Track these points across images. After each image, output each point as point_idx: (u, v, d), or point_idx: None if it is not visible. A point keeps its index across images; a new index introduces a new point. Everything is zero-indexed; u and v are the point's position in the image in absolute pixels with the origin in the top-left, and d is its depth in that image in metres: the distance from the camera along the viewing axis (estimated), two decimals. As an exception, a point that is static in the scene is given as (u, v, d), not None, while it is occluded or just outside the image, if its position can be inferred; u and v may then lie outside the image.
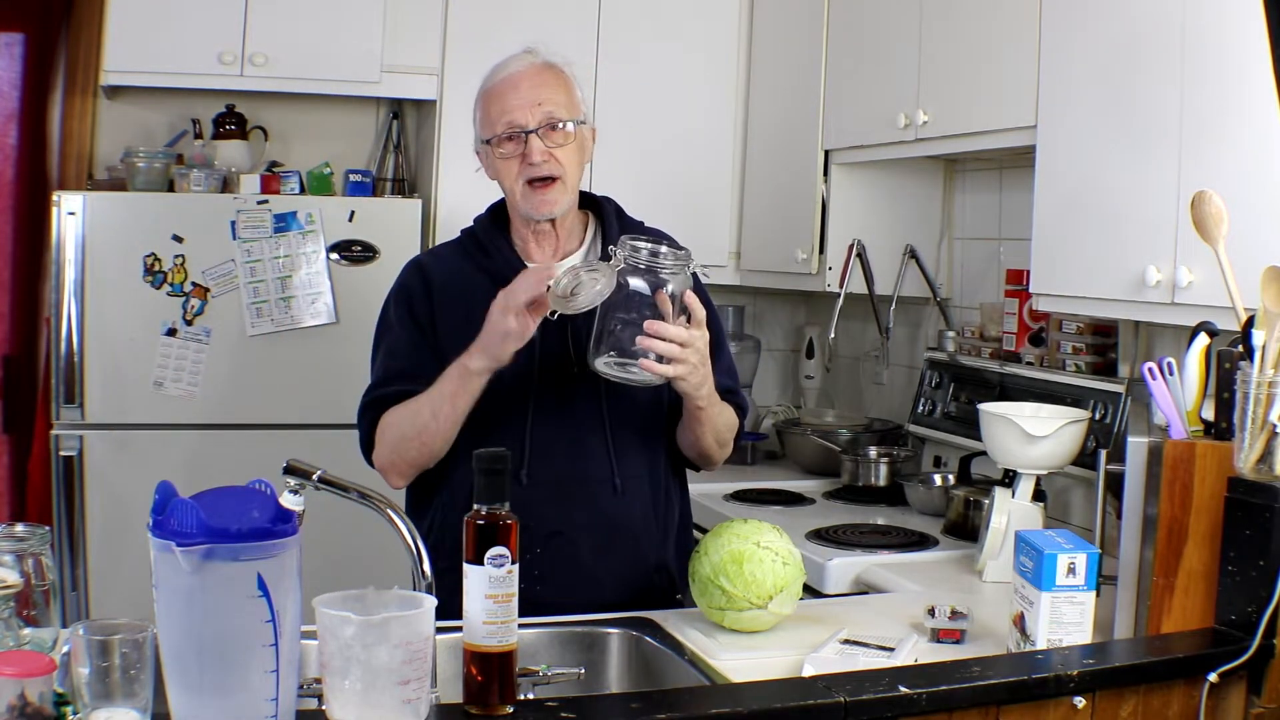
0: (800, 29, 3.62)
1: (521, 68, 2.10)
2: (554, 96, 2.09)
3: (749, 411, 2.34)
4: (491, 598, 1.43)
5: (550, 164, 2.07)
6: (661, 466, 2.19)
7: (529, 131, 2.06)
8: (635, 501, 2.13)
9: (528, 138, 2.05)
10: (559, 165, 2.07)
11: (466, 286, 2.12)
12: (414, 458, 2.07)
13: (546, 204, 2.09)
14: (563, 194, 2.10)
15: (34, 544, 1.59)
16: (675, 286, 1.92)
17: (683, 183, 3.80)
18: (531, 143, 2.05)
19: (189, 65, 3.41)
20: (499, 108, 2.08)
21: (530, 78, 2.09)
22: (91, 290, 3.27)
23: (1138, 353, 2.77)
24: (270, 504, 1.33)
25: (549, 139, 2.07)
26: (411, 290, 2.17)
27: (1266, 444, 1.75)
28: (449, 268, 2.18)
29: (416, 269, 2.21)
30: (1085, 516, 2.84)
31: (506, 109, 2.07)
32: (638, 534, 2.14)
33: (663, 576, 2.17)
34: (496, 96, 2.09)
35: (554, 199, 2.09)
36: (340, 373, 3.37)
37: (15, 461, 3.63)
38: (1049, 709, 1.63)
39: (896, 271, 3.49)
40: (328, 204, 3.47)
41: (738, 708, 1.48)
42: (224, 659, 1.26)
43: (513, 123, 2.06)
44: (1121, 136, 2.38)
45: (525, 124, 2.06)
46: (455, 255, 2.20)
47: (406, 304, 2.16)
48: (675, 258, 1.92)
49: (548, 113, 2.07)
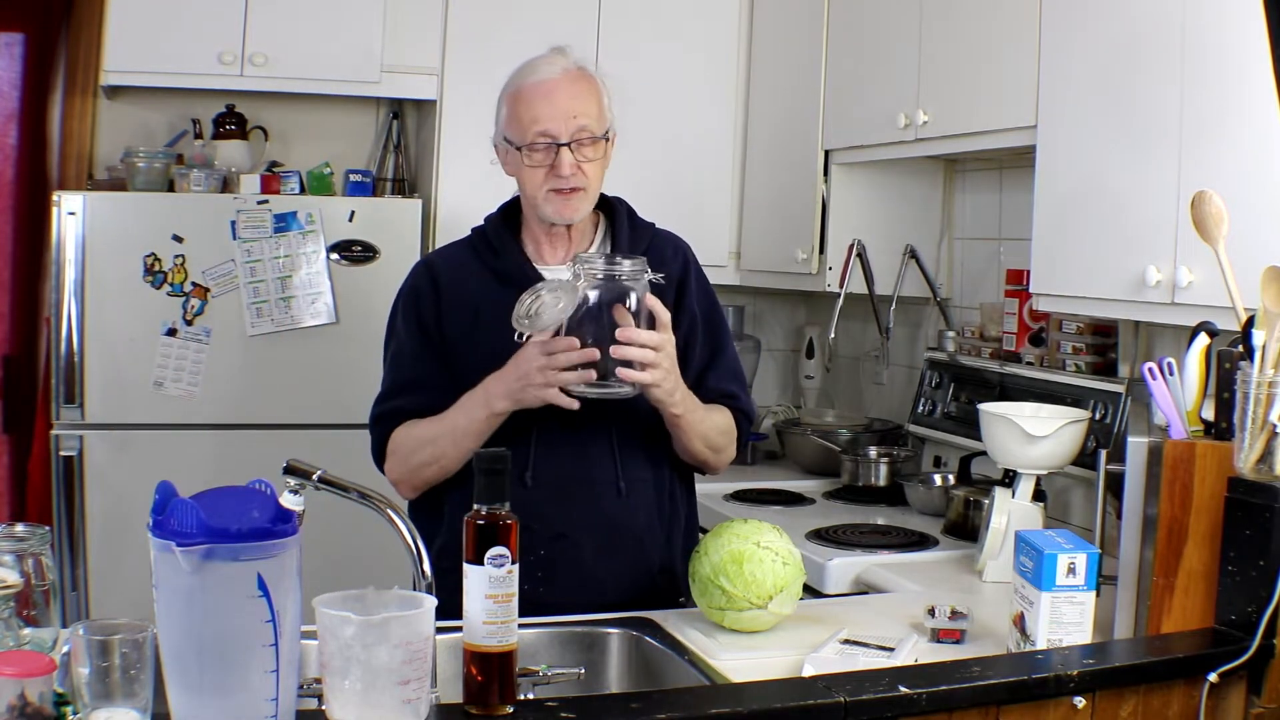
0: (800, 29, 3.62)
1: (555, 74, 2.08)
2: (588, 109, 2.07)
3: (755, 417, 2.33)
4: (491, 598, 1.43)
5: (578, 176, 2.06)
6: (666, 469, 2.19)
7: (561, 144, 2.04)
8: (639, 504, 2.13)
9: (559, 150, 2.04)
10: (585, 177, 2.07)
11: (474, 286, 2.13)
12: (429, 478, 2.10)
13: (569, 210, 2.09)
14: (585, 202, 2.11)
15: (34, 544, 1.59)
16: (637, 293, 1.93)
17: (683, 183, 3.80)
18: (563, 155, 2.04)
19: (189, 65, 3.41)
20: (530, 114, 2.06)
21: (565, 87, 2.07)
22: (91, 290, 3.27)
23: (1138, 353, 2.77)
24: (270, 504, 1.33)
25: (579, 153, 2.06)
26: (419, 293, 2.16)
27: (1266, 444, 1.75)
28: (457, 266, 2.18)
29: (425, 270, 2.20)
30: (1085, 516, 2.84)
31: (539, 117, 2.05)
32: (641, 536, 2.14)
33: (666, 579, 2.17)
34: (528, 101, 2.06)
35: (577, 206, 2.09)
36: (340, 373, 3.37)
37: (15, 461, 3.63)
38: (1049, 709, 1.63)
39: (896, 271, 3.49)
40: (328, 204, 3.47)
41: (738, 708, 1.48)
42: (224, 659, 1.26)
43: (545, 132, 2.05)
44: (1121, 136, 2.38)
45: (558, 136, 2.04)
46: (464, 254, 2.20)
47: (414, 309, 2.16)
48: (632, 264, 1.93)
49: (581, 126, 2.05)
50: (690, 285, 2.20)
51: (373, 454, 2.17)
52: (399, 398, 2.14)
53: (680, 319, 2.12)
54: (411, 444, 2.10)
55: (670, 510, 2.20)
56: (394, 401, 2.14)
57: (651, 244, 2.18)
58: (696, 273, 2.23)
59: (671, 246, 2.22)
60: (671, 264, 2.16)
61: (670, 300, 2.10)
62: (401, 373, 2.16)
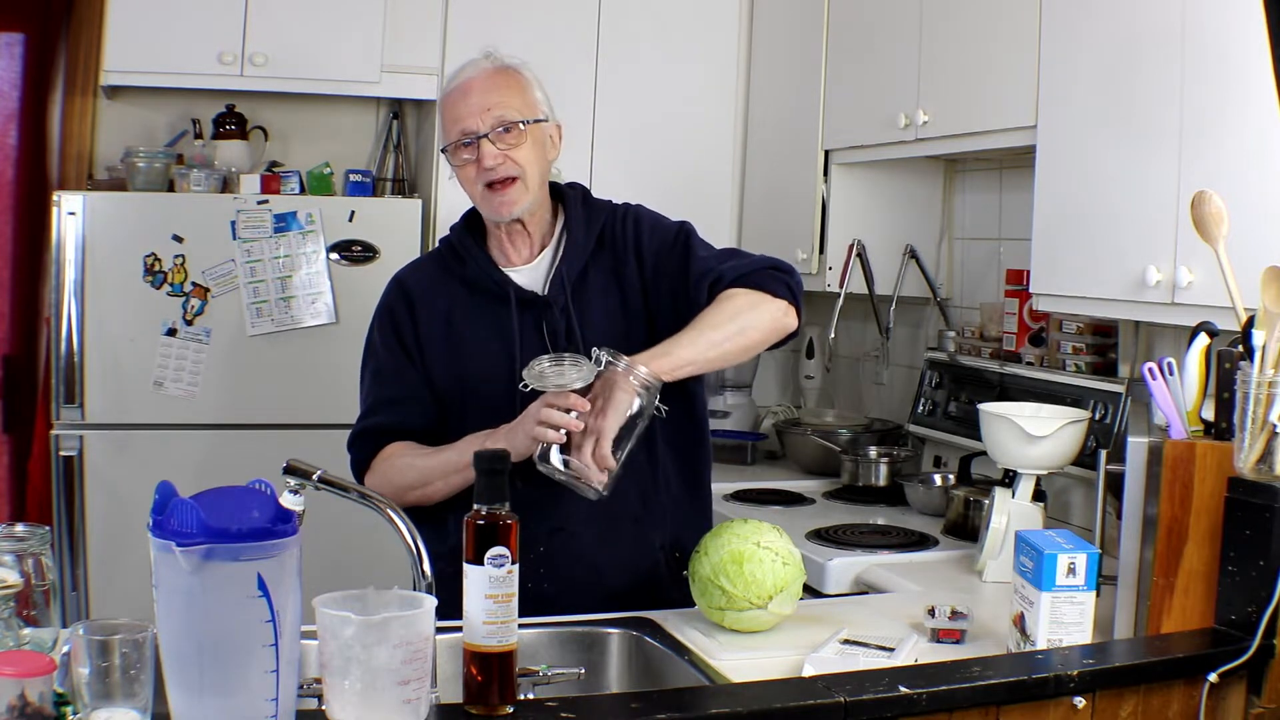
0: (800, 29, 3.62)
1: (474, 74, 2.11)
2: (505, 99, 2.09)
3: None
4: (491, 598, 1.43)
5: (506, 165, 2.07)
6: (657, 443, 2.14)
7: (480, 136, 2.06)
8: (631, 485, 2.11)
9: (479, 142, 2.06)
10: (516, 165, 2.08)
11: (446, 297, 2.16)
12: (411, 501, 2.08)
13: (505, 204, 2.09)
14: (523, 194, 2.10)
15: (34, 544, 1.59)
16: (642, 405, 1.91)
17: (682, 182, 3.80)
18: (483, 147, 2.06)
19: (189, 65, 3.42)
20: (451, 115, 2.10)
21: (481, 83, 2.10)
22: (91, 290, 3.27)
23: (1138, 353, 2.77)
24: (270, 504, 1.33)
25: (501, 141, 2.07)
26: (394, 310, 2.18)
27: (1266, 444, 1.75)
28: (428, 279, 2.20)
29: (397, 287, 2.22)
30: (1085, 516, 2.84)
31: (458, 116, 2.08)
32: (638, 516, 2.14)
33: (669, 555, 2.16)
34: (449, 104, 2.11)
35: (513, 199, 2.09)
36: (340, 373, 3.35)
37: (15, 461, 3.63)
38: (1049, 709, 1.63)
39: (896, 271, 3.49)
40: (328, 204, 3.48)
41: (738, 708, 1.48)
42: (224, 659, 1.26)
43: (465, 129, 2.08)
44: (1121, 136, 2.38)
45: (476, 129, 2.07)
46: (432, 266, 2.23)
47: (391, 325, 2.18)
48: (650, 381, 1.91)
49: (499, 116, 2.07)
50: (644, 242, 2.17)
51: (352, 470, 2.16)
52: (379, 414, 2.15)
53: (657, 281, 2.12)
54: (397, 471, 2.10)
55: (663, 484, 2.17)
56: (375, 419, 2.15)
57: (605, 223, 2.18)
58: (648, 226, 2.19)
59: (620, 219, 2.20)
60: (623, 236, 2.16)
61: (637, 272, 2.12)
62: (382, 390, 2.17)
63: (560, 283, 2.12)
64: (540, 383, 1.88)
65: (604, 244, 2.17)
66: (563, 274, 2.12)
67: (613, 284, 2.15)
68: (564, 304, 2.11)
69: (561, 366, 1.90)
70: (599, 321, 2.12)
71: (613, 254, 2.16)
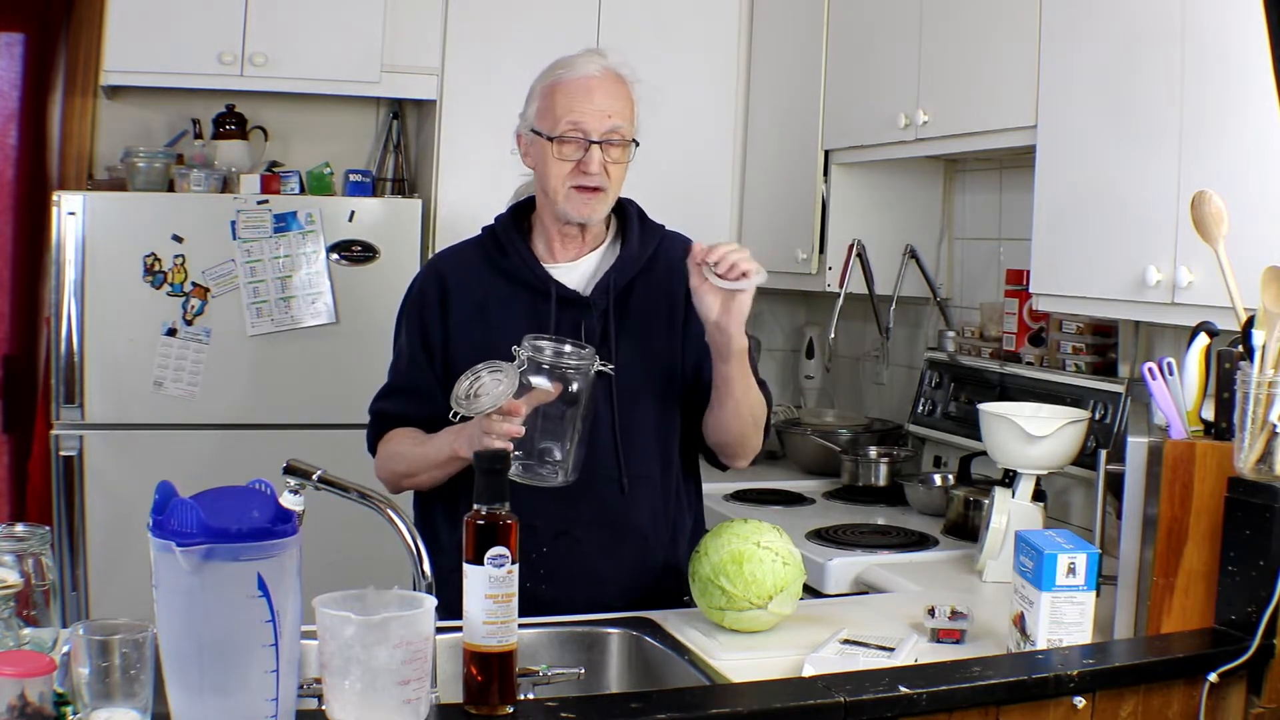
0: (800, 29, 3.62)
1: (595, 71, 2.09)
2: (623, 110, 2.09)
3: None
4: (491, 598, 1.43)
5: (602, 177, 2.07)
6: (674, 467, 2.19)
7: (593, 141, 2.05)
8: (643, 501, 2.13)
9: (590, 146, 2.05)
10: (608, 179, 2.08)
11: (482, 286, 2.15)
12: (405, 488, 2.16)
13: (589, 209, 2.09)
14: (604, 204, 2.11)
15: (34, 544, 1.59)
16: (580, 386, 1.91)
17: (682, 182, 3.79)
18: (593, 153, 2.05)
19: (189, 65, 3.42)
20: (566, 106, 2.06)
21: (604, 86, 2.08)
22: (91, 290, 3.27)
23: (1138, 353, 2.77)
24: (270, 504, 1.33)
25: (608, 153, 2.07)
26: (425, 297, 2.18)
27: (1266, 444, 1.75)
28: (464, 266, 2.19)
29: (432, 270, 2.22)
30: (1085, 516, 2.84)
31: (577, 111, 2.06)
32: (646, 534, 2.14)
33: (671, 578, 2.16)
34: (566, 94, 2.07)
35: (596, 207, 2.10)
36: (340, 373, 3.37)
37: (15, 461, 3.64)
38: (1049, 709, 1.63)
39: (896, 271, 3.48)
40: (328, 204, 3.47)
41: (738, 708, 1.48)
42: (224, 659, 1.26)
43: (578, 126, 2.06)
44: (1121, 136, 2.38)
45: (590, 132, 2.06)
46: (472, 253, 2.21)
47: (418, 315, 2.18)
48: (579, 358, 1.92)
49: (615, 126, 2.07)
50: None
51: (367, 443, 2.22)
52: (390, 400, 2.19)
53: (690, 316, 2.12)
54: (389, 456, 2.16)
55: (676, 508, 2.19)
56: (386, 402, 2.20)
57: (660, 245, 2.19)
58: None
59: (681, 248, 2.21)
60: (680, 267, 2.15)
61: (681, 301, 2.12)
62: (398, 377, 2.20)
63: (606, 288, 2.12)
64: (467, 409, 1.85)
65: (655, 263, 2.17)
66: (610, 280, 2.12)
67: (655, 302, 2.16)
68: (605, 309, 2.11)
69: (480, 380, 1.85)
70: (634, 333, 2.13)
71: (664, 274, 2.16)
